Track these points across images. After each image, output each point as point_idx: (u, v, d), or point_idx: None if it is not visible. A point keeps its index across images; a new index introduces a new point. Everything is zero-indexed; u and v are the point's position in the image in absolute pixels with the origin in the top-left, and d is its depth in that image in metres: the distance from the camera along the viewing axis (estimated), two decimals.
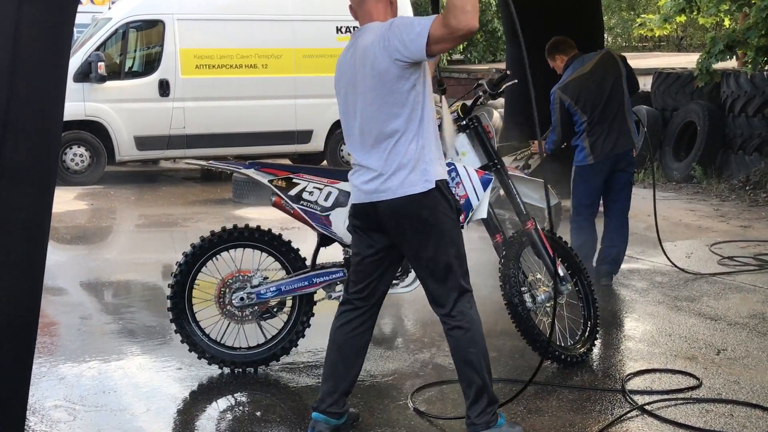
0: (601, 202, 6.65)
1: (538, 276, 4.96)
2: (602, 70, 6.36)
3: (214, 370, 4.71)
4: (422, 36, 3.40)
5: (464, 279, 3.71)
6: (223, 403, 4.46)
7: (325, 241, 4.80)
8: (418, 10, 18.97)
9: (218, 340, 4.73)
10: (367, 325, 3.84)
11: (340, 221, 4.69)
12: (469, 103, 5.05)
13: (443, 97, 4.47)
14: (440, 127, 4.54)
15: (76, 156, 11.96)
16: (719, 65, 11.70)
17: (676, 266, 7.06)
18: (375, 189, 3.62)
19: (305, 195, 4.67)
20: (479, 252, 7.42)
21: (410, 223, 3.61)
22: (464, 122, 4.92)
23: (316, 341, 4.95)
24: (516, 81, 5.39)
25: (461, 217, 4.77)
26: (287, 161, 12.47)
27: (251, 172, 4.71)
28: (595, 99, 6.30)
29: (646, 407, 4.23)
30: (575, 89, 6.31)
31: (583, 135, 6.33)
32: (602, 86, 6.31)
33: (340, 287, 4.80)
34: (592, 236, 6.58)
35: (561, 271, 4.94)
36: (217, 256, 4.72)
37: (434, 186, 3.59)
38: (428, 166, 3.59)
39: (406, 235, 3.65)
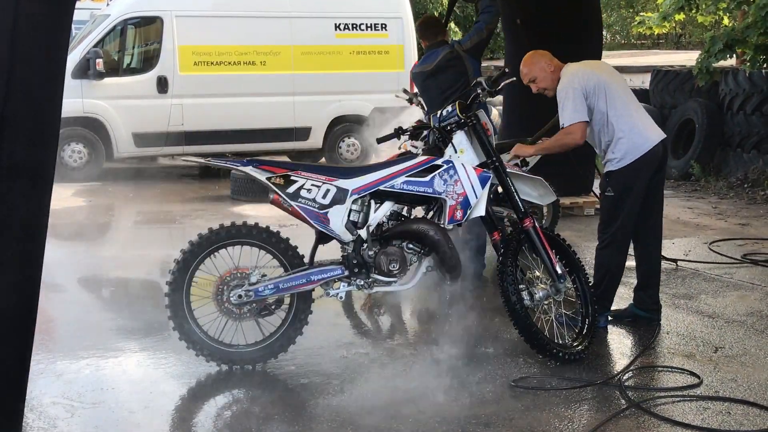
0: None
1: (536, 273, 4.96)
2: (444, 69, 6.36)
3: (212, 368, 4.71)
4: None
5: None
6: (221, 400, 4.46)
7: (323, 238, 4.80)
8: (418, 9, 18.95)
9: (216, 337, 4.73)
10: None
11: (338, 218, 4.69)
12: (467, 100, 5.04)
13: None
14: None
15: (74, 152, 11.96)
16: (718, 63, 11.72)
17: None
18: None
19: (303, 192, 4.66)
20: None
21: None
22: (462, 120, 4.92)
23: (314, 338, 4.95)
24: (514, 78, 5.38)
25: (459, 215, 4.78)
26: (285, 158, 12.47)
27: (249, 170, 4.70)
28: (433, 98, 6.35)
29: (643, 404, 4.24)
30: (418, 84, 6.35)
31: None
32: (441, 86, 6.35)
33: (338, 284, 4.80)
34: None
35: (559, 269, 4.95)
36: (215, 253, 4.72)
37: None
38: None
39: None
